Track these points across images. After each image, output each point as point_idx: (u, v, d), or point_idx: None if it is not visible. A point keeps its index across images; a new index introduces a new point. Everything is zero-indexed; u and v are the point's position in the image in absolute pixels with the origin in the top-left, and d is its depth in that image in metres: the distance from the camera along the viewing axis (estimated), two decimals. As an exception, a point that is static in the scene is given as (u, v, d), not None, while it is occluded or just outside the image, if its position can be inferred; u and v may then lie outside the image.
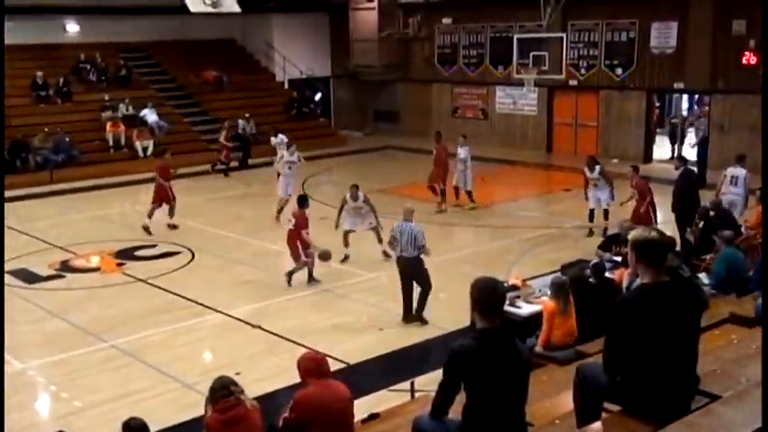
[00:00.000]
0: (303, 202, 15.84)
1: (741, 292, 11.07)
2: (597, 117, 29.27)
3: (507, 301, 10.05)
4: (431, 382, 8.91)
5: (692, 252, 14.61)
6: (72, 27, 32.96)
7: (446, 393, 5.50)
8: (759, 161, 12.61)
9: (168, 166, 20.59)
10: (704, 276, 12.34)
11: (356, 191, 17.04)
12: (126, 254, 18.20)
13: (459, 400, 5.50)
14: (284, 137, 24.53)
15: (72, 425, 9.62)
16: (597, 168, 18.56)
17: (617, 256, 13.63)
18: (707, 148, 25.18)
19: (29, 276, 16.60)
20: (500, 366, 5.31)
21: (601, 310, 8.97)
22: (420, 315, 13.57)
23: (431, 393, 5.80)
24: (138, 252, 18.38)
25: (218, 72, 33.80)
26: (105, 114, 29.50)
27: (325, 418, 6.74)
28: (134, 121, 29.65)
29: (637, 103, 28.18)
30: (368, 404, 9.33)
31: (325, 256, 15.45)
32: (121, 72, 31.97)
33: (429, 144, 30.85)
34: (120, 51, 33.15)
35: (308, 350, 7.22)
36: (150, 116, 30.17)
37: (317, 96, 35.89)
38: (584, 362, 6.74)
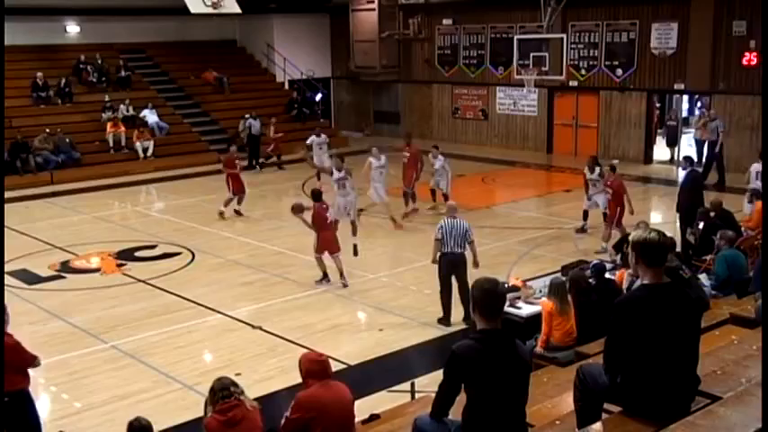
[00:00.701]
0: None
1: (742, 292, 11.06)
2: (597, 118, 29.26)
3: (508, 302, 10.06)
4: (431, 382, 8.94)
5: (693, 253, 14.62)
6: (72, 28, 32.98)
7: (446, 394, 5.51)
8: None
9: (233, 158, 21.58)
10: (705, 277, 12.34)
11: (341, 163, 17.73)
12: (126, 255, 18.20)
13: (460, 401, 5.50)
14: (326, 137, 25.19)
15: (73, 426, 9.62)
16: (597, 170, 18.45)
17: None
18: (715, 149, 25.12)
19: (29, 277, 16.60)
20: (500, 367, 5.32)
21: (601, 311, 8.99)
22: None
23: (431, 394, 5.81)
24: (139, 253, 18.38)
25: (218, 73, 33.83)
26: (106, 115, 29.50)
27: (326, 419, 6.75)
28: (134, 122, 29.66)
29: (637, 104, 28.18)
30: (368, 405, 9.32)
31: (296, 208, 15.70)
32: (122, 73, 31.96)
33: (430, 145, 30.98)
34: (121, 52, 33.16)
35: (309, 350, 7.19)
36: (150, 117, 30.20)
37: (317, 97, 35.89)
38: (584, 363, 6.74)
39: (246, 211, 21.57)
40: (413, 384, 10.28)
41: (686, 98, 31.97)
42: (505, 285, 11.78)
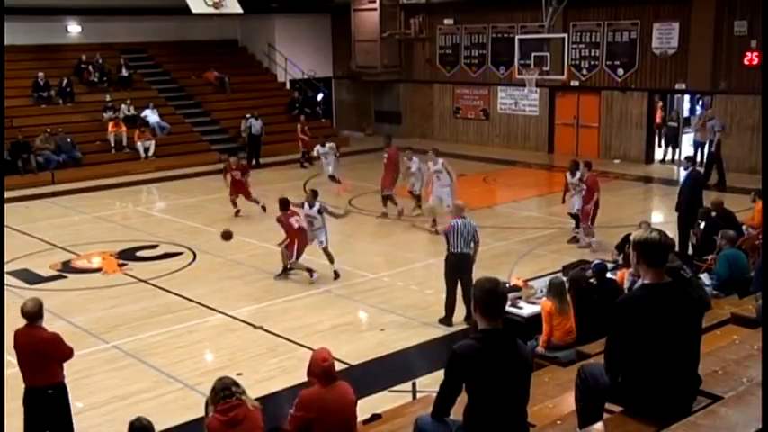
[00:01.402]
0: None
1: (743, 292, 11.07)
2: (599, 118, 29.24)
3: (509, 302, 10.05)
4: (432, 382, 8.94)
5: (694, 253, 14.62)
6: (74, 28, 33.00)
7: (448, 394, 5.51)
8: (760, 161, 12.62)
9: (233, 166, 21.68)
10: (706, 277, 12.34)
11: (313, 198, 16.68)
12: (127, 254, 18.20)
13: (461, 401, 5.50)
14: (333, 145, 25.05)
15: (75, 426, 9.59)
16: (578, 174, 18.19)
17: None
18: (714, 149, 25.10)
19: (30, 277, 16.61)
20: (502, 367, 5.32)
21: (602, 311, 8.99)
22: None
23: (432, 394, 5.81)
24: (140, 253, 18.38)
25: (219, 73, 33.83)
26: (107, 115, 29.52)
27: (327, 420, 6.76)
28: (135, 122, 29.66)
29: (638, 104, 28.17)
30: (370, 405, 9.32)
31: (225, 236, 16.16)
32: (123, 73, 31.98)
33: (431, 145, 30.92)
34: (122, 52, 33.16)
35: (323, 348, 7.17)
36: (152, 117, 30.20)
37: (318, 97, 35.90)
38: (585, 363, 6.74)
39: (247, 210, 21.57)
40: (414, 384, 10.27)
41: (687, 98, 31.94)
42: (506, 285, 11.79)
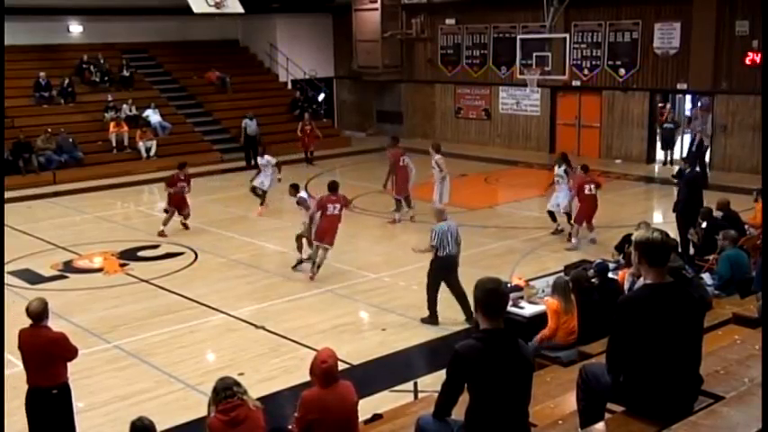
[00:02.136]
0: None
1: (744, 292, 11.06)
2: (600, 118, 29.23)
3: (510, 302, 10.05)
4: (434, 382, 8.95)
5: (695, 252, 14.61)
6: (75, 28, 33.00)
7: (449, 394, 5.51)
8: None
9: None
10: (707, 277, 12.33)
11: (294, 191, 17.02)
12: (129, 254, 18.20)
13: (463, 401, 5.50)
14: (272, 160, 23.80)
15: (76, 426, 9.60)
16: (563, 167, 18.57)
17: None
18: (702, 151, 25.36)
19: (32, 277, 16.62)
20: (503, 367, 5.32)
21: (603, 311, 8.99)
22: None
23: (434, 394, 5.81)
24: (142, 253, 18.39)
25: (220, 73, 33.84)
26: (108, 115, 29.53)
27: (327, 421, 6.76)
28: (137, 122, 29.65)
29: (640, 104, 28.15)
30: (371, 405, 9.32)
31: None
32: (124, 73, 31.99)
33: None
34: (123, 52, 33.18)
35: (326, 349, 7.16)
36: (153, 117, 30.20)
37: (320, 97, 35.90)
38: (587, 362, 6.74)
39: (248, 210, 21.57)
40: (415, 384, 10.26)
41: (689, 99, 31.93)
42: (508, 285, 11.79)
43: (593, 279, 11.25)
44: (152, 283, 16.16)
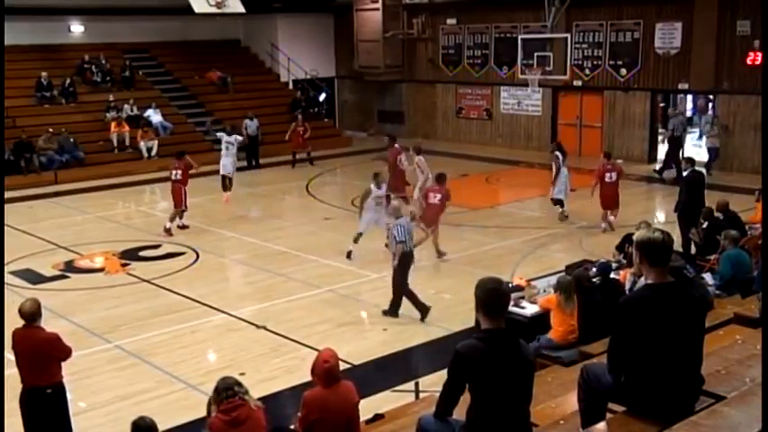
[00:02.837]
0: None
1: (746, 292, 11.05)
2: (601, 118, 29.23)
3: (512, 302, 10.05)
4: (435, 382, 8.94)
5: (697, 252, 14.60)
6: (76, 28, 33.01)
7: (451, 394, 5.51)
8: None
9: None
10: (709, 276, 12.32)
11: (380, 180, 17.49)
12: (130, 254, 18.21)
13: (465, 400, 5.50)
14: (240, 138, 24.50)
15: (77, 425, 9.60)
16: (556, 152, 20.62)
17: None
18: (676, 147, 25.69)
19: (33, 277, 16.62)
20: (504, 367, 5.31)
21: (605, 311, 8.98)
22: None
23: (435, 394, 5.81)
24: (143, 252, 18.39)
25: (222, 73, 33.84)
26: (109, 115, 29.54)
27: (328, 421, 6.76)
28: (138, 122, 29.65)
29: (641, 104, 28.14)
30: (372, 405, 9.32)
31: None
32: (126, 73, 31.99)
33: (434, 145, 31.05)
34: (125, 52, 33.18)
35: (328, 349, 7.17)
36: (154, 117, 30.21)
37: (321, 97, 35.89)
38: (588, 362, 6.74)
39: (250, 210, 21.58)
40: (417, 384, 10.27)
41: (690, 98, 31.94)
42: (509, 285, 11.79)
43: (594, 279, 11.25)
44: (153, 283, 16.16)
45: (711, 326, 8.28)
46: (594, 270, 11.69)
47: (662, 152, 27.88)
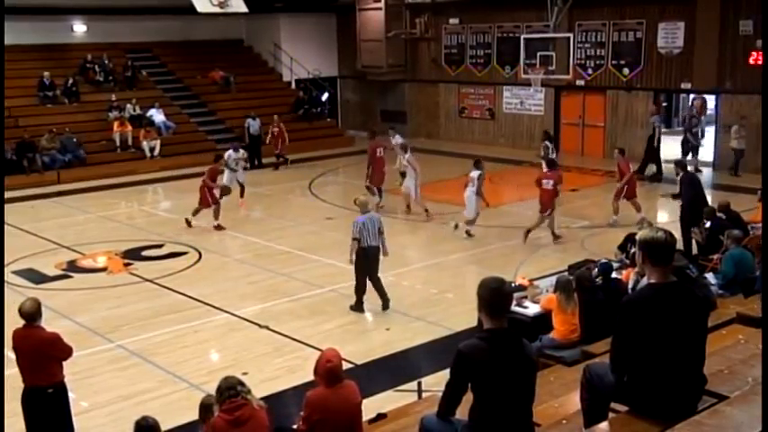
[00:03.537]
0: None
1: (748, 291, 11.04)
2: (604, 117, 29.23)
3: (514, 302, 10.05)
4: (438, 382, 8.93)
5: (699, 252, 14.59)
6: (79, 27, 33.02)
7: (453, 393, 5.50)
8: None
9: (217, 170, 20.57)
10: (711, 276, 12.31)
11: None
12: (133, 254, 18.21)
13: (467, 400, 5.50)
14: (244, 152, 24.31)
15: (79, 425, 9.61)
16: (546, 143, 23.09)
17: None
18: (652, 143, 25.97)
19: (36, 276, 16.64)
20: (507, 366, 5.31)
21: (607, 310, 8.97)
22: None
23: (438, 393, 5.80)
24: (145, 252, 18.39)
25: (224, 72, 33.84)
26: (112, 114, 29.55)
27: (331, 421, 6.76)
28: (141, 122, 29.67)
29: (644, 104, 28.12)
30: (375, 404, 9.31)
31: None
32: (128, 72, 32.01)
33: (437, 144, 31.12)
34: (127, 52, 33.19)
35: (331, 349, 7.17)
36: (157, 116, 30.22)
37: (324, 97, 35.89)
38: (591, 362, 6.73)
39: (252, 210, 21.58)
40: (419, 383, 10.27)
41: (692, 97, 31.88)
42: (512, 284, 11.77)
43: (596, 279, 11.24)
44: (156, 283, 16.16)
45: (714, 325, 8.26)
46: (596, 270, 11.67)
47: (662, 152, 27.92)
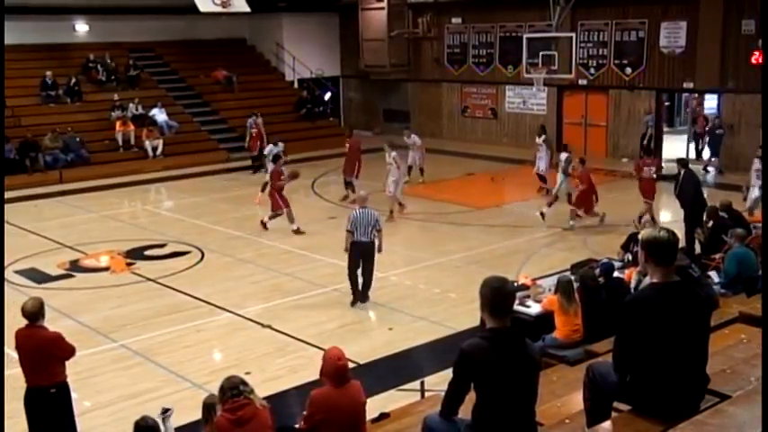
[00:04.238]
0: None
1: (751, 291, 11.03)
2: (606, 117, 29.20)
3: (517, 301, 10.05)
4: (441, 381, 8.92)
5: (702, 251, 14.58)
6: (81, 27, 33.00)
7: (456, 393, 5.50)
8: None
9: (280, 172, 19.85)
10: (714, 275, 12.31)
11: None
12: (136, 253, 18.22)
13: (470, 399, 5.50)
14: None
15: (81, 425, 9.61)
16: (543, 137, 23.23)
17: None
18: (643, 143, 26.34)
19: (38, 276, 16.65)
20: (510, 366, 5.30)
21: (610, 310, 8.98)
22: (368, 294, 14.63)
23: (441, 393, 5.80)
24: (148, 252, 18.40)
25: (227, 72, 33.82)
26: (115, 114, 29.54)
27: (335, 421, 6.76)
28: (143, 121, 29.67)
29: (646, 103, 28.09)
30: (378, 404, 9.31)
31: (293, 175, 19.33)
32: (131, 72, 32.01)
33: (439, 144, 31.06)
34: (130, 51, 33.18)
35: (335, 347, 7.18)
36: (159, 116, 30.21)
37: (326, 96, 35.88)
38: (594, 361, 6.73)
39: (254, 209, 21.58)
40: (422, 383, 10.26)
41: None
42: (515, 284, 11.78)
43: (599, 278, 11.24)
44: (158, 283, 16.17)
45: (716, 325, 8.26)
46: (598, 270, 11.67)
47: (664, 152, 27.93)
